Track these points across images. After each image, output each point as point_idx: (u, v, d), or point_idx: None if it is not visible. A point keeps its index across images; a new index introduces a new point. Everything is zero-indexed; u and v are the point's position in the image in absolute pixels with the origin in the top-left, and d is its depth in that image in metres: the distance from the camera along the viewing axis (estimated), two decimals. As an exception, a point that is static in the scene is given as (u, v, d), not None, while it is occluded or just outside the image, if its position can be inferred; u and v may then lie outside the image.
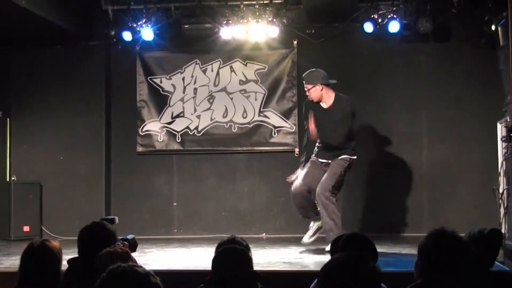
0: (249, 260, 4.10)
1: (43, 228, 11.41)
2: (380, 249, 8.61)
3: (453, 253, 3.54)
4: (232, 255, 4.07)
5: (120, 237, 4.99)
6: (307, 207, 9.03)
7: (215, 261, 4.07)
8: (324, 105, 8.81)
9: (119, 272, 2.65)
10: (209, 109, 11.66)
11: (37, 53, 11.72)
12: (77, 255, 4.61)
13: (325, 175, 8.80)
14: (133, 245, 5.04)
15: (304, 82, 8.81)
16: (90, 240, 4.56)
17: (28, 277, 4.13)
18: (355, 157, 8.83)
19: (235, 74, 11.62)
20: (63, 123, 11.73)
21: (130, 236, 5.10)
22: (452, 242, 3.60)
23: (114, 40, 11.30)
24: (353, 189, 11.11)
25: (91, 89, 11.77)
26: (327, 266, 2.94)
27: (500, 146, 8.73)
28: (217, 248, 4.65)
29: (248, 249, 4.69)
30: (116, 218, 5.35)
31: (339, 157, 8.78)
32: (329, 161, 8.85)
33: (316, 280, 3.09)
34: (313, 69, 8.90)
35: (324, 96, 8.76)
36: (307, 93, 8.78)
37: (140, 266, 2.77)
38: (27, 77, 11.78)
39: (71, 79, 11.73)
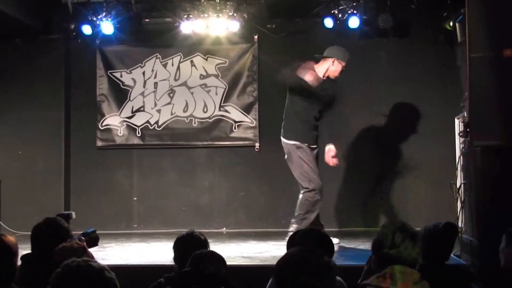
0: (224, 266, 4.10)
1: (1, 223, 11.28)
2: (340, 244, 8.72)
3: (403, 244, 3.58)
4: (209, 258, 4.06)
5: (81, 232, 4.97)
6: None
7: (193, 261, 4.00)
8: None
9: (73, 267, 2.65)
10: (169, 103, 11.62)
11: (-5, 46, 11.60)
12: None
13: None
14: (94, 239, 5.02)
15: (345, 62, 9.04)
16: (43, 237, 4.54)
17: None
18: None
19: (196, 68, 11.59)
20: (21, 117, 11.61)
21: (91, 230, 5.08)
22: (403, 234, 3.64)
23: (74, 33, 11.17)
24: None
25: (51, 83, 11.66)
26: (281, 261, 2.96)
27: (458, 141, 8.82)
28: (176, 243, 4.65)
29: (207, 243, 4.70)
30: (73, 213, 5.32)
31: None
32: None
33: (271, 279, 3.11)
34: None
35: None
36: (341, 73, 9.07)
37: (95, 261, 2.77)
38: (-15, 70, 11.66)
39: (30, 73, 11.61)
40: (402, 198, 11.02)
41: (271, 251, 8.42)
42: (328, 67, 8.94)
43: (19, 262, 4.38)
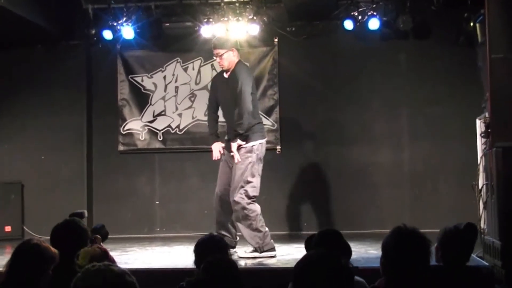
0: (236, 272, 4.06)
1: (25, 228, 11.37)
2: (361, 245, 8.72)
3: (412, 249, 3.56)
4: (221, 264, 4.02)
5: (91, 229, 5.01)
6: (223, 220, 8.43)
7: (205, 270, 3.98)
8: (226, 74, 8.35)
9: (94, 271, 2.68)
10: (190, 107, 11.66)
11: (17, 53, 11.64)
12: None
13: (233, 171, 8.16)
14: (103, 235, 5.06)
15: (213, 48, 8.28)
16: (62, 238, 4.56)
17: (17, 276, 4.07)
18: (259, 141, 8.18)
19: (217, 72, 11.58)
20: (44, 123, 11.69)
21: (100, 226, 5.13)
22: (411, 238, 3.62)
23: (95, 39, 11.23)
24: (334, 187, 11.18)
25: (72, 89, 11.73)
26: (298, 263, 2.98)
27: (479, 142, 8.79)
28: (196, 246, 4.66)
29: (227, 246, 4.72)
30: (85, 211, 5.37)
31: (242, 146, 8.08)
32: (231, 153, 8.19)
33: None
34: (220, 36, 8.66)
35: (235, 62, 8.25)
36: (218, 61, 8.27)
37: (116, 265, 2.79)
38: (7, 77, 11.72)
39: (51, 79, 11.68)
40: (425, 199, 10.98)
41: (293, 254, 8.42)
42: None
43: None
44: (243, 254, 8.11)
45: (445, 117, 11.02)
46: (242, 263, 7.67)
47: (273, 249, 8.20)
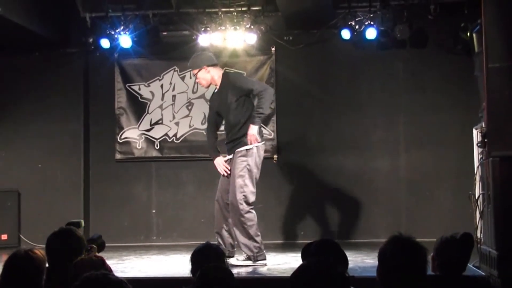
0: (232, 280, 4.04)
1: (21, 236, 11.35)
2: (358, 255, 8.71)
3: (408, 257, 3.56)
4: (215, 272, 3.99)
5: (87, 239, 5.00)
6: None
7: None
8: (216, 88, 8.42)
9: (92, 280, 2.68)
10: (187, 116, 11.66)
11: (15, 60, 11.65)
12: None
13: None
14: (101, 245, 5.06)
15: (190, 69, 8.67)
16: (58, 248, 4.54)
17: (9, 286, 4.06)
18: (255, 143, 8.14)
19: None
20: (41, 131, 11.69)
21: (97, 236, 5.12)
22: (408, 247, 3.62)
23: (92, 47, 11.22)
24: (331, 196, 11.18)
25: (70, 97, 11.74)
26: (295, 272, 2.98)
27: (476, 152, 8.79)
28: (193, 255, 4.65)
29: (224, 255, 4.71)
30: (82, 221, 5.37)
31: (237, 150, 8.18)
32: (230, 157, 8.30)
33: None
34: (197, 53, 8.69)
35: (214, 78, 8.28)
36: (197, 81, 8.55)
37: (113, 274, 2.80)
38: (5, 84, 11.71)
39: (49, 87, 11.69)
40: (421, 207, 10.99)
41: (290, 262, 8.41)
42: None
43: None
44: (235, 262, 8.10)
45: (442, 125, 11.04)
46: (235, 271, 7.66)
47: (265, 259, 8.19)
